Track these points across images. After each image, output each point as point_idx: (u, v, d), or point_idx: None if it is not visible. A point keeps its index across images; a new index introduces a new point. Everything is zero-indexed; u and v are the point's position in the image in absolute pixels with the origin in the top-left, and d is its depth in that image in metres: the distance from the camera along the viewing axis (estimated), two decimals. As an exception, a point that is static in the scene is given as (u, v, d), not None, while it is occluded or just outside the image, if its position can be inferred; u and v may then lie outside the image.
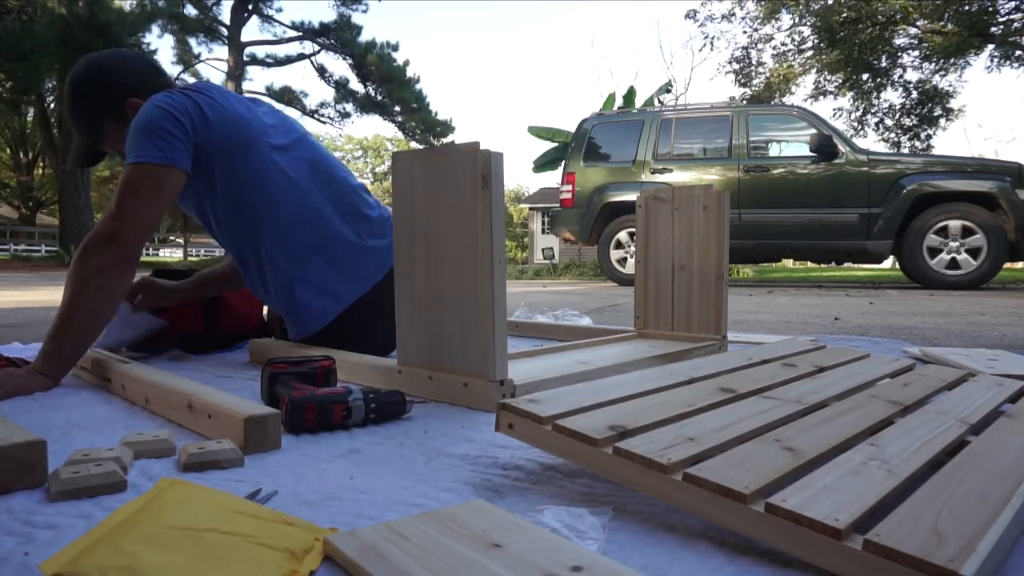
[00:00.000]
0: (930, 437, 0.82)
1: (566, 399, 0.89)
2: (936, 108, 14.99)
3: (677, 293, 1.89)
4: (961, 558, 0.50)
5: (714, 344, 1.77)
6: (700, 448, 0.72)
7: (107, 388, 1.35)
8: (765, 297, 4.88)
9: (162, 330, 1.77)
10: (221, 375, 1.53)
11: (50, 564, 0.54)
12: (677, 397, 0.94)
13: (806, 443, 0.76)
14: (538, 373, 1.33)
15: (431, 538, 0.59)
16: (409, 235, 1.28)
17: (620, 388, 0.96)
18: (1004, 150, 35.37)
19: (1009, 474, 0.70)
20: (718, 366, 1.18)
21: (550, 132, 18.13)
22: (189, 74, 21.31)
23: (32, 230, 22.89)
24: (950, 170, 5.69)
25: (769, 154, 6.53)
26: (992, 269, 5.46)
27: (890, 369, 1.32)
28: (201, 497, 0.68)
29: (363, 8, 20.48)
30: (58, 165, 15.16)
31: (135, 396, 1.23)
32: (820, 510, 0.57)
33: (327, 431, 1.03)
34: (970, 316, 3.11)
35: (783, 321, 2.93)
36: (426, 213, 1.24)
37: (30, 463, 0.77)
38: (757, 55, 15.94)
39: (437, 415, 1.14)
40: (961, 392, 1.13)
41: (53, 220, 25.19)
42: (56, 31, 11.61)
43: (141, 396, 1.20)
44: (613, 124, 7.16)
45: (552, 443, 0.79)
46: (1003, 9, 12.43)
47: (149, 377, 1.21)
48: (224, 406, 0.97)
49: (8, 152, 24.90)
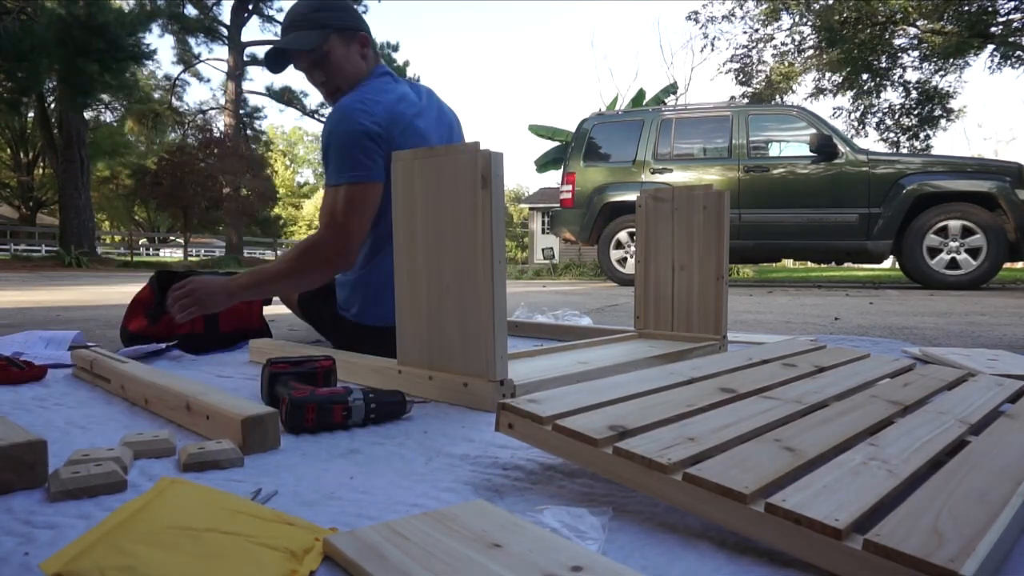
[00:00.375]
0: (930, 437, 0.82)
1: (566, 399, 0.89)
2: (936, 108, 14.98)
3: (677, 293, 1.89)
4: (961, 558, 0.50)
5: (714, 344, 1.77)
6: (700, 448, 0.72)
7: (106, 388, 1.35)
8: (765, 297, 4.88)
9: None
10: (221, 375, 1.53)
11: (50, 564, 0.54)
12: (677, 397, 0.94)
13: (806, 443, 0.76)
14: (538, 373, 1.33)
15: (431, 538, 0.59)
16: (409, 235, 1.28)
17: (620, 388, 0.96)
18: (1004, 150, 35.40)
19: (1009, 474, 0.70)
20: (718, 366, 1.18)
21: (551, 131, 18.15)
22: (189, 74, 21.32)
23: (32, 230, 22.87)
24: (950, 170, 5.69)
25: (769, 154, 6.53)
26: (992, 269, 5.46)
27: (890, 369, 1.32)
28: (201, 497, 0.68)
29: (363, 8, 20.49)
30: (58, 165, 15.15)
31: (135, 397, 1.23)
32: (820, 510, 0.57)
33: (327, 431, 1.03)
34: (970, 316, 3.11)
35: (783, 321, 2.93)
36: (426, 213, 1.24)
37: (30, 463, 0.77)
38: (758, 55, 15.95)
39: (437, 415, 1.14)
40: (961, 392, 1.13)
41: (53, 220, 25.19)
42: (55, 31, 11.60)
43: (140, 397, 1.20)
44: (613, 124, 7.16)
45: (552, 443, 0.79)
46: (1003, 9, 12.43)
47: (147, 378, 1.20)
48: (222, 407, 0.97)
49: (8, 152, 24.90)
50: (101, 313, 3.30)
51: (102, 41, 11.99)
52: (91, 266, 13.77)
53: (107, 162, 23.07)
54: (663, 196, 1.91)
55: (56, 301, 4.21)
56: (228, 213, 18.73)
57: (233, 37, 20.02)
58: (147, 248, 30.06)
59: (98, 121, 21.50)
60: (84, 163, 15.32)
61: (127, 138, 23.85)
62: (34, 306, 3.77)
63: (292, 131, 53.62)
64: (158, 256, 28.69)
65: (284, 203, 38.95)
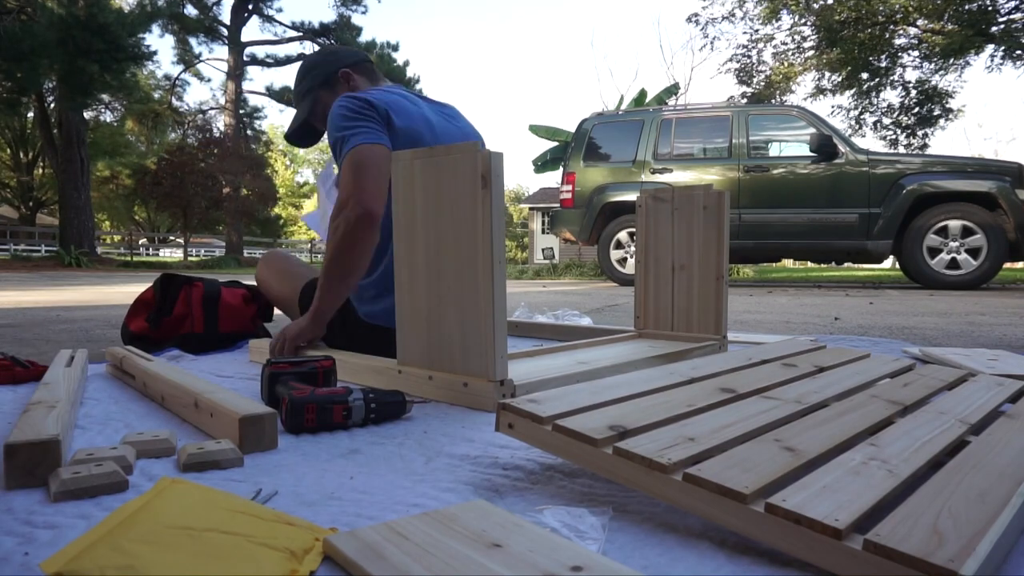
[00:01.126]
0: (930, 437, 0.82)
1: (566, 399, 0.89)
2: (935, 108, 14.99)
3: (677, 293, 1.89)
4: (961, 558, 0.50)
5: (714, 344, 1.77)
6: (700, 448, 0.72)
7: (131, 384, 1.38)
8: (765, 297, 4.88)
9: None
10: (221, 375, 1.53)
11: (50, 563, 0.54)
12: (677, 397, 0.94)
13: (806, 443, 0.76)
14: (538, 373, 1.33)
15: (431, 538, 0.59)
16: (409, 235, 1.28)
17: (620, 388, 0.96)
18: (1004, 150, 35.40)
19: (1009, 474, 0.70)
20: (718, 366, 1.18)
21: (551, 131, 18.16)
22: (189, 74, 21.32)
23: (32, 230, 22.87)
24: (950, 170, 5.69)
25: (769, 154, 6.53)
26: (992, 269, 5.46)
27: (890, 369, 1.32)
28: (201, 497, 0.68)
29: (363, 9, 20.50)
30: (58, 165, 15.16)
31: (154, 394, 1.25)
32: (820, 510, 0.57)
33: (327, 431, 1.03)
34: (970, 316, 3.11)
35: (783, 321, 2.93)
36: (426, 213, 1.24)
37: (38, 462, 0.77)
38: (758, 55, 15.94)
39: (437, 415, 1.14)
40: (961, 392, 1.13)
41: (53, 220, 25.20)
42: (56, 31, 11.60)
43: (158, 394, 1.23)
44: (613, 124, 7.16)
45: (552, 443, 0.79)
46: (1003, 9, 12.43)
47: (166, 375, 1.23)
48: (224, 405, 0.97)
49: (8, 152, 24.90)
50: (101, 313, 3.30)
51: (102, 41, 12.00)
52: (91, 266, 13.77)
53: (107, 162, 23.06)
54: (663, 196, 1.91)
55: (56, 301, 4.21)
56: (228, 213, 18.74)
57: (233, 37, 20.02)
58: (147, 248, 30.05)
59: (98, 121, 21.51)
60: (84, 163, 15.32)
61: (127, 138, 23.86)
62: (34, 306, 3.77)
63: (292, 131, 53.33)
64: (158, 256, 28.67)
65: (284, 203, 38.93)
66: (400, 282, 1.32)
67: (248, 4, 20.14)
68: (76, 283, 7.25)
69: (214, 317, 1.91)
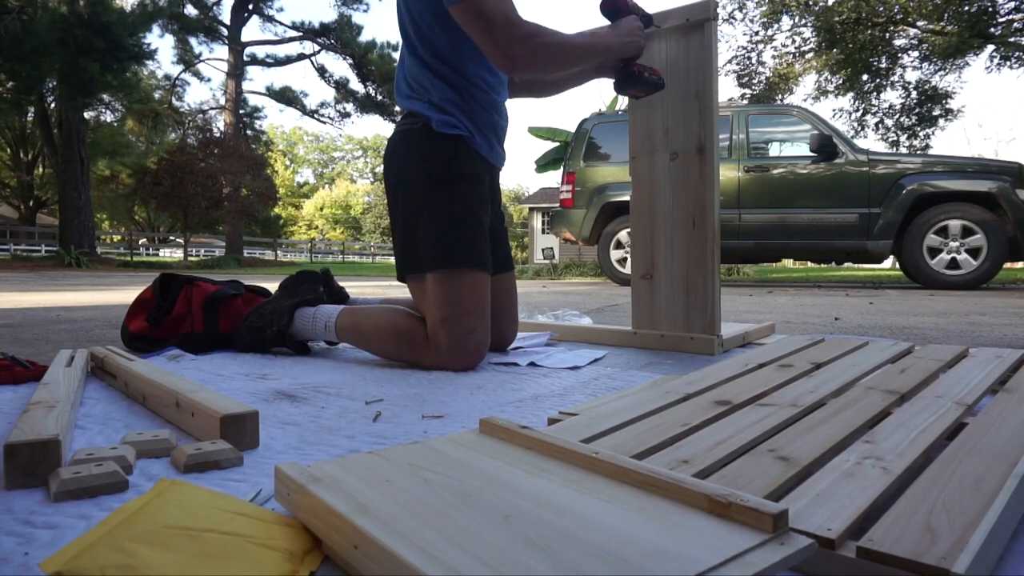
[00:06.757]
0: (926, 426, 0.83)
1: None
2: (935, 108, 14.99)
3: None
4: (953, 554, 0.50)
5: (711, 342, 1.77)
6: (694, 470, 0.72)
7: (112, 385, 1.36)
8: (765, 297, 4.88)
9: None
10: (221, 375, 1.54)
11: (50, 563, 0.54)
12: (672, 418, 0.92)
13: (800, 450, 0.76)
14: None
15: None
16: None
17: (616, 416, 0.94)
18: (1004, 150, 35.39)
19: (1005, 454, 0.70)
20: (713, 377, 1.18)
21: (550, 132, 18.14)
22: (189, 74, 21.33)
23: (32, 230, 22.89)
24: (950, 170, 5.69)
25: (769, 154, 6.53)
26: (992, 269, 5.46)
27: (888, 355, 1.32)
28: (201, 498, 0.68)
29: (363, 8, 20.51)
30: (58, 165, 15.17)
31: (135, 394, 1.24)
32: (813, 521, 0.57)
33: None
34: (970, 316, 3.11)
35: (783, 321, 2.93)
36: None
37: (38, 462, 0.77)
38: (758, 56, 15.94)
39: (437, 417, 1.15)
40: (959, 371, 1.13)
41: (53, 220, 25.22)
42: (57, 31, 11.61)
43: (139, 394, 1.22)
44: (613, 124, 7.17)
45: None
46: (1003, 9, 12.43)
47: (147, 375, 1.22)
48: (205, 404, 0.97)
49: (8, 152, 24.91)
50: (101, 313, 3.30)
51: (103, 41, 12.01)
52: (91, 266, 13.78)
53: (107, 162, 23.06)
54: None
55: (56, 301, 4.21)
56: (228, 213, 18.75)
57: (233, 37, 20.04)
58: (147, 248, 30.07)
59: (98, 121, 21.52)
60: (84, 163, 15.33)
61: (127, 138, 23.86)
62: (34, 306, 3.78)
63: (292, 131, 53.59)
64: (158, 256, 28.69)
65: (284, 203, 38.92)
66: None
67: (248, 4, 20.15)
68: (76, 283, 7.25)
69: (214, 317, 1.91)
